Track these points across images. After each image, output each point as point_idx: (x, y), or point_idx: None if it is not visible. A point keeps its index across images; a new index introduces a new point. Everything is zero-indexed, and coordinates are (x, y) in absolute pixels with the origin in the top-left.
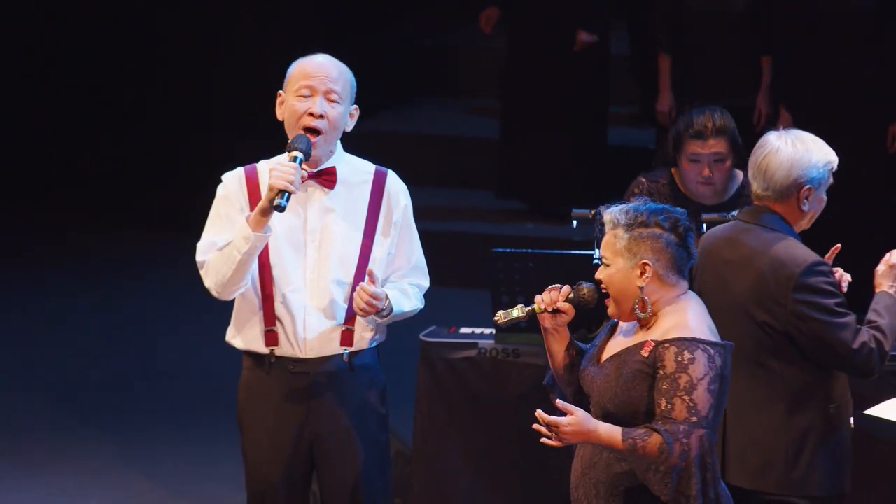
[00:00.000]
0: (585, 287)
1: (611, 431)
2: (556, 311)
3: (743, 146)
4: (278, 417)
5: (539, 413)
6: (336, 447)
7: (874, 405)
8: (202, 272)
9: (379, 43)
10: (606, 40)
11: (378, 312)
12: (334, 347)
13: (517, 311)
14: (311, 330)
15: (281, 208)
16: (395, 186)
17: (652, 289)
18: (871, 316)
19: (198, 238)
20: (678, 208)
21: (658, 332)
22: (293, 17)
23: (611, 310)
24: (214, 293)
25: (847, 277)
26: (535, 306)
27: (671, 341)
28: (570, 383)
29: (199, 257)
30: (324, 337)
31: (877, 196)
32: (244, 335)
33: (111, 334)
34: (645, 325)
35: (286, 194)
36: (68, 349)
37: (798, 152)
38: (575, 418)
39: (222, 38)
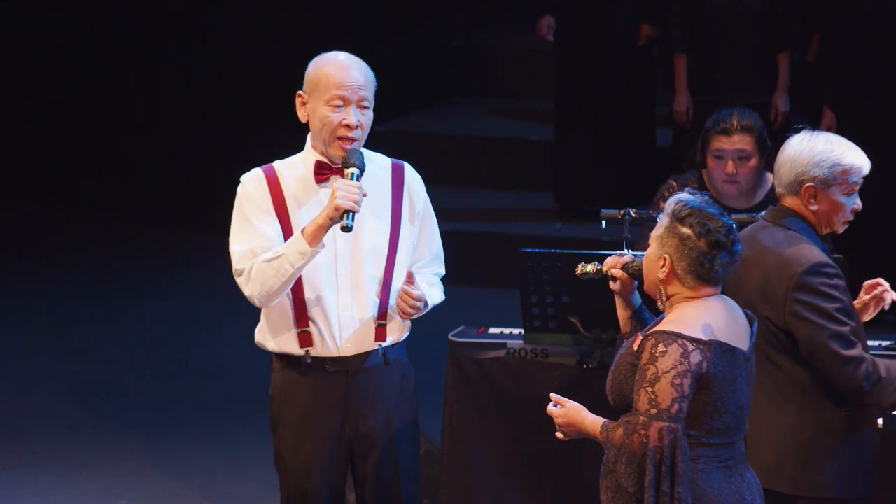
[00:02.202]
0: (638, 261)
1: (595, 423)
2: (615, 278)
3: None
4: (318, 419)
5: (549, 407)
6: (377, 443)
7: None
8: (241, 280)
9: (408, 43)
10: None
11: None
12: (370, 343)
13: (591, 268)
14: (347, 327)
15: (349, 229)
16: (414, 178)
17: (669, 283)
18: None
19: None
20: (728, 220)
21: (659, 326)
22: (317, 16)
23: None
24: (256, 302)
25: (893, 296)
26: (602, 267)
27: (653, 334)
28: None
29: (237, 265)
30: (359, 334)
31: None
32: (276, 337)
33: (133, 334)
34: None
35: (352, 214)
36: (88, 349)
37: (801, 149)
38: (564, 410)
39: (247, 39)
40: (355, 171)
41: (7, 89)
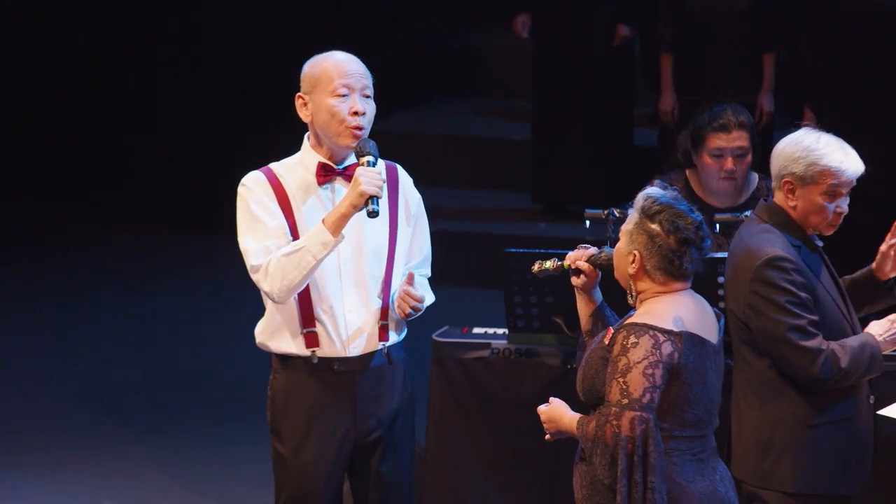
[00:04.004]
0: (605, 252)
1: (572, 419)
2: (579, 271)
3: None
4: (324, 420)
5: (539, 406)
6: (381, 442)
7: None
8: (258, 276)
9: (398, 44)
10: (632, 40)
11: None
12: (374, 343)
13: (549, 264)
14: (353, 327)
15: (376, 214)
16: (407, 179)
17: (639, 278)
18: (846, 340)
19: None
20: (697, 217)
21: (630, 319)
22: (311, 17)
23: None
24: (276, 298)
25: None
26: (564, 262)
27: (624, 326)
28: (583, 349)
29: (253, 261)
30: (365, 333)
31: None
32: (282, 338)
33: (132, 335)
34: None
35: (376, 199)
36: (88, 349)
37: (788, 144)
38: (548, 407)
39: (247, 40)
40: (371, 158)
41: (7, 89)
